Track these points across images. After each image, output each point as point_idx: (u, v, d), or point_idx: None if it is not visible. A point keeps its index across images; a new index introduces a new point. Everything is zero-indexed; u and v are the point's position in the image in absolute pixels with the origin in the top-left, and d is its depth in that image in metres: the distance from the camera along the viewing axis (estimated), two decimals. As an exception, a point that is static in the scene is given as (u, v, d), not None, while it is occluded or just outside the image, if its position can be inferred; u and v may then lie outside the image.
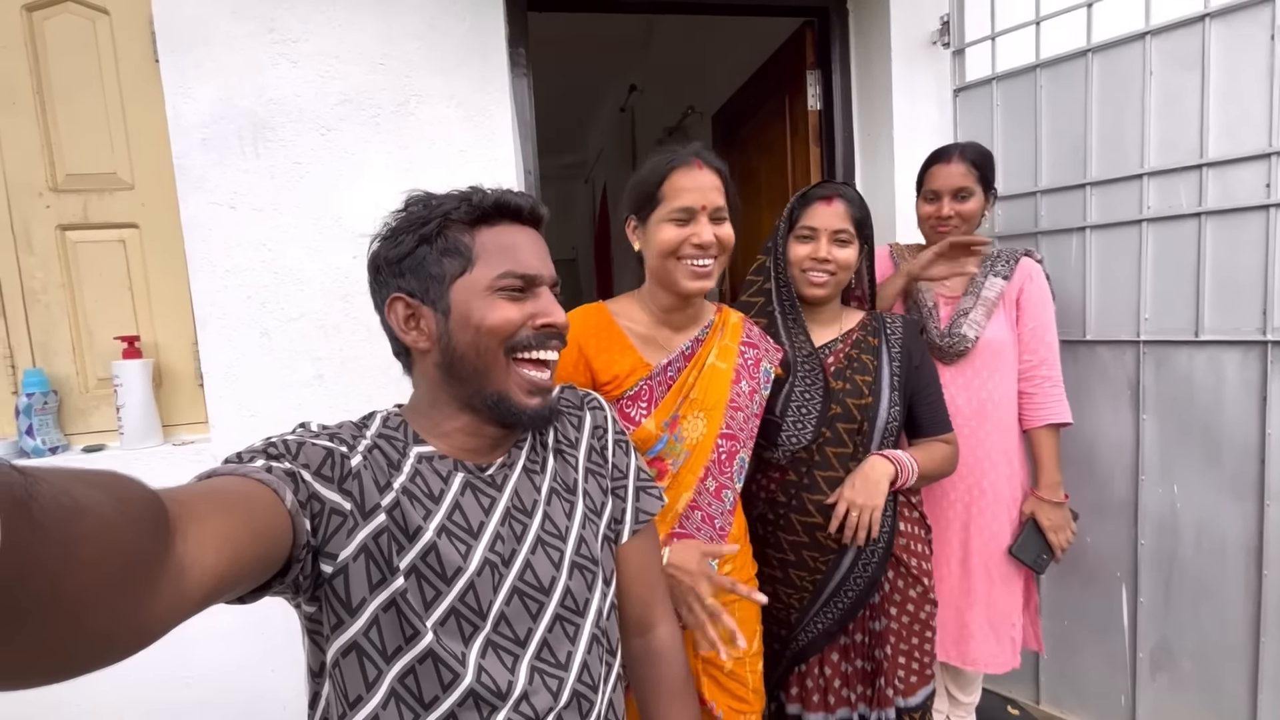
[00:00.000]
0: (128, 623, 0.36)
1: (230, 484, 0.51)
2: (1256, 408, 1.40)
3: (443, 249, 0.67)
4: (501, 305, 0.67)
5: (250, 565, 0.47)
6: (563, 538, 0.72)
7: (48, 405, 1.50)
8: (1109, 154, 1.56)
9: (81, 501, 0.32)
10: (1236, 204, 1.39)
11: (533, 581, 0.68)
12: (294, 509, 0.52)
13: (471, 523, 0.66)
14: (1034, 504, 1.48)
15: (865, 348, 1.26)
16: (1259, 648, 1.44)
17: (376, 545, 0.59)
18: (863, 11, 1.96)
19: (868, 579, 1.20)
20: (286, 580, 0.55)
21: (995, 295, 1.46)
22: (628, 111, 4.64)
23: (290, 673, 1.58)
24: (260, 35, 1.51)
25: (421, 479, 0.66)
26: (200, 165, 1.50)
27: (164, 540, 0.39)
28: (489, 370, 0.68)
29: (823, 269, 1.22)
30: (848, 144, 2.04)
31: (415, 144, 1.60)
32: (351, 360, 1.60)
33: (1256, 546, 1.43)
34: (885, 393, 1.23)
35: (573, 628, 0.70)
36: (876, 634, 1.24)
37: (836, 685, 1.24)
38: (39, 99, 1.50)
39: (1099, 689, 1.70)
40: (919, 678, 1.24)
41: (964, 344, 1.43)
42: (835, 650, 1.24)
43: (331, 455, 0.59)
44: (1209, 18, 1.39)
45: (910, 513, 1.30)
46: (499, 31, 1.64)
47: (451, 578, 0.63)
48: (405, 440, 0.68)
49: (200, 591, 0.41)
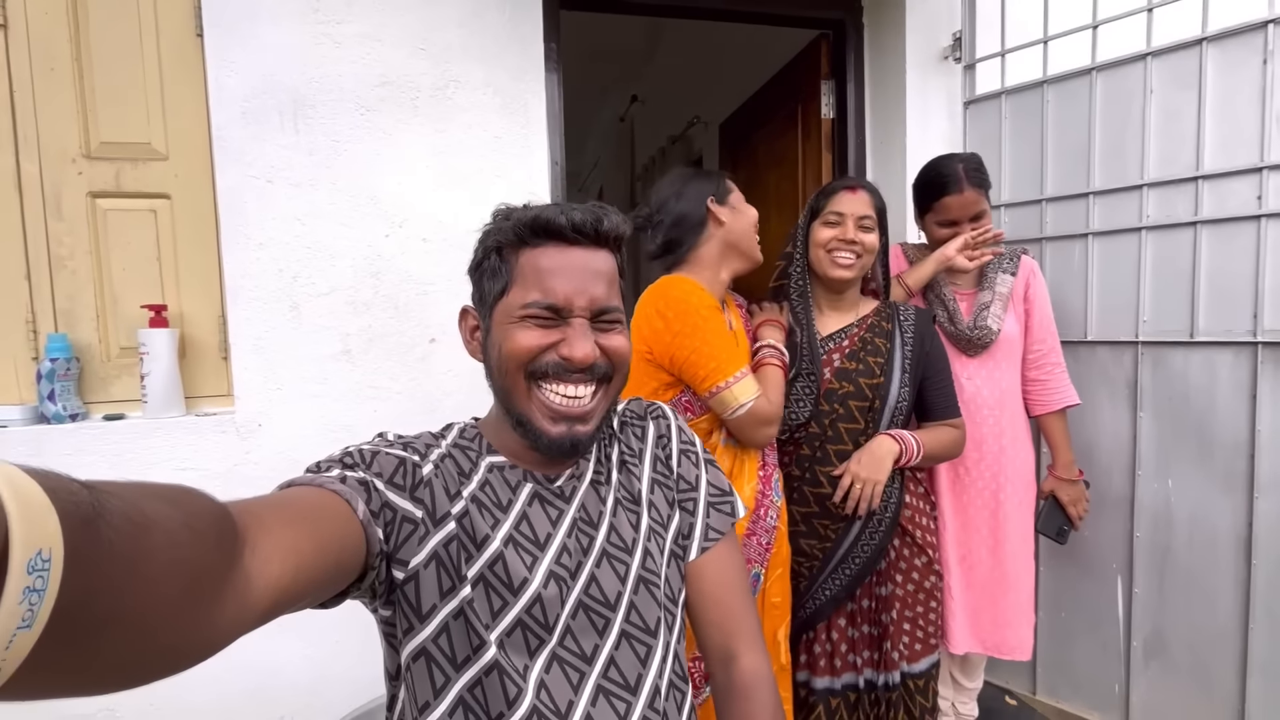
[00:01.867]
0: (195, 634, 0.36)
1: (304, 495, 0.52)
2: (1247, 406, 1.49)
3: (491, 268, 0.68)
4: (522, 333, 0.65)
5: (318, 575, 0.47)
6: (629, 551, 0.70)
7: (70, 372, 1.49)
8: (1111, 166, 1.66)
9: (151, 517, 0.33)
10: (1230, 214, 1.49)
11: (598, 596, 0.66)
12: (366, 519, 0.54)
13: (539, 534, 0.66)
14: (1053, 483, 1.60)
15: (879, 331, 1.33)
16: (1248, 635, 1.52)
17: (447, 553, 0.60)
18: (878, 26, 2.06)
19: (875, 546, 1.28)
20: (363, 586, 0.57)
21: (1008, 291, 1.54)
22: (627, 121, 4.72)
23: (299, 648, 1.57)
24: (305, 15, 1.54)
25: (491, 488, 0.66)
26: (240, 139, 1.52)
27: (231, 554, 0.40)
28: (512, 392, 0.67)
29: (850, 249, 1.28)
30: (860, 151, 2.12)
31: (452, 128, 1.64)
32: (379, 337, 1.62)
33: (1246, 538, 1.51)
34: (897, 374, 1.30)
35: (643, 648, 0.67)
36: (883, 599, 1.30)
37: (844, 650, 1.30)
38: (77, 65, 1.50)
39: (1094, 678, 1.77)
40: (923, 645, 1.30)
41: (989, 336, 1.50)
42: (842, 615, 1.31)
43: (404, 464, 0.61)
44: (1206, 41, 1.50)
45: (916, 487, 1.37)
46: (537, 25, 1.69)
47: (518, 589, 0.62)
48: (479, 450, 0.69)
49: (265, 603, 0.42)
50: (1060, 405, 1.57)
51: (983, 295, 1.54)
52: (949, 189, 1.49)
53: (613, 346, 0.68)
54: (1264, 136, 1.44)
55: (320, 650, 1.56)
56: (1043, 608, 1.84)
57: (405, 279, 1.62)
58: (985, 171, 1.53)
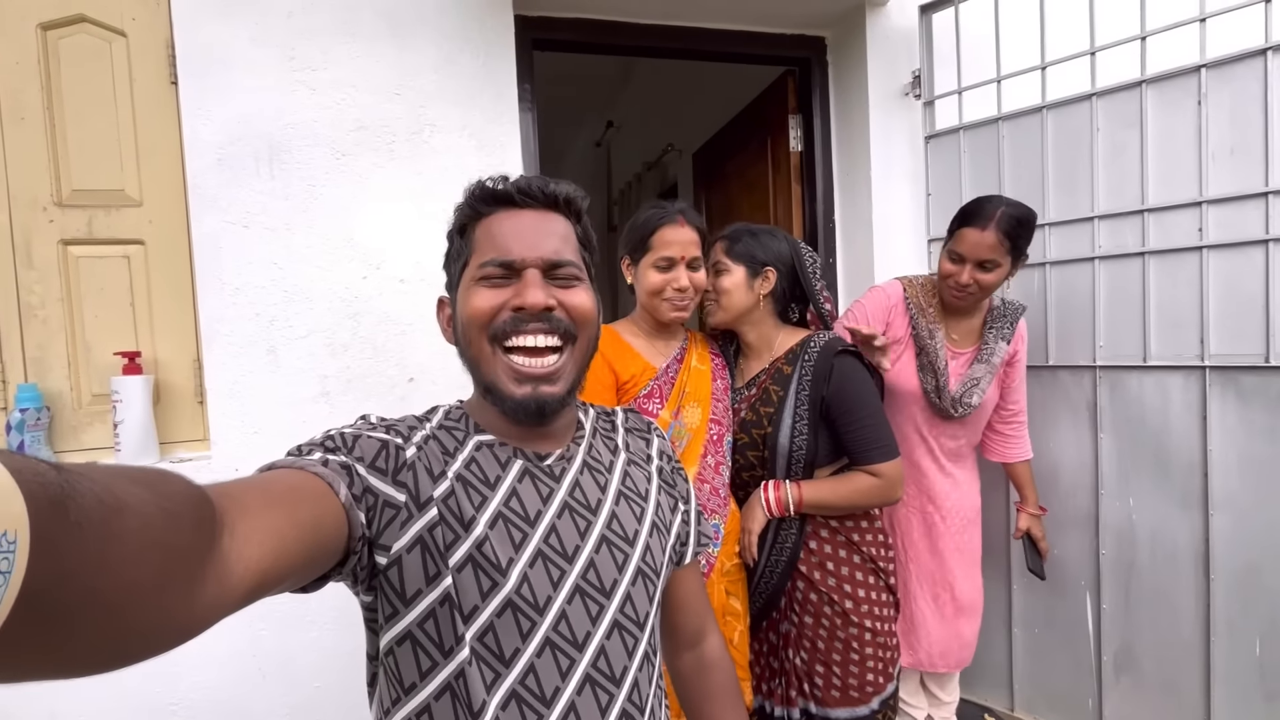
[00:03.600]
0: (171, 618, 0.36)
1: (285, 477, 0.51)
2: (1198, 426, 1.57)
3: (457, 248, 0.71)
4: (478, 293, 0.67)
5: (298, 559, 0.47)
6: (630, 542, 0.70)
7: (40, 421, 1.47)
8: (1064, 198, 1.75)
9: (123, 499, 0.32)
10: (1174, 245, 1.58)
11: (594, 581, 0.66)
12: (348, 502, 0.53)
13: (529, 511, 0.65)
14: (1028, 520, 1.71)
15: (779, 377, 1.31)
16: (1210, 647, 1.57)
17: (431, 538, 0.59)
18: (841, 64, 2.14)
19: (772, 585, 1.34)
20: (345, 570, 0.56)
21: (999, 361, 1.58)
22: (604, 146, 4.79)
23: (280, 694, 1.55)
24: (280, 62, 1.56)
25: (478, 465, 0.66)
26: (215, 184, 1.52)
27: (208, 536, 0.39)
28: (479, 359, 0.68)
29: (681, 297, 1.26)
30: (828, 183, 2.19)
31: (428, 170, 1.66)
32: (358, 378, 1.62)
33: (1204, 553, 1.57)
34: (787, 420, 1.28)
35: (632, 640, 0.67)
36: (784, 635, 1.35)
37: (756, 672, 1.38)
38: (49, 115, 1.50)
39: (1068, 693, 1.81)
40: (842, 694, 1.27)
41: (969, 410, 1.56)
42: (756, 639, 1.39)
43: (386, 447, 0.60)
44: (1145, 84, 1.59)
45: (834, 536, 1.31)
46: (510, 68, 1.73)
47: (506, 567, 0.61)
48: (466, 430, 0.69)
49: (244, 586, 0.41)
50: (1022, 459, 1.70)
51: (975, 369, 1.56)
52: (974, 220, 1.46)
53: (573, 303, 0.68)
54: (1201, 172, 1.53)
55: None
56: (1018, 625, 1.89)
57: (383, 320, 1.63)
58: (1025, 231, 1.45)
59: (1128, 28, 1.60)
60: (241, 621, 1.47)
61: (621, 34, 1.96)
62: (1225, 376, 1.52)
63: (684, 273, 1.26)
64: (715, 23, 2.01)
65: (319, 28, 1.58)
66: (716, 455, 1.31)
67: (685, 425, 1.28)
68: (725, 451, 1.33)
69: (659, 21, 1.96)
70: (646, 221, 1.27)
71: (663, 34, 1.98)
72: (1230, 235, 1.50)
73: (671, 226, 1.25)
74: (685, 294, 1.27)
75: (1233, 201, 1.49)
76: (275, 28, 1.55)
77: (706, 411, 1.31)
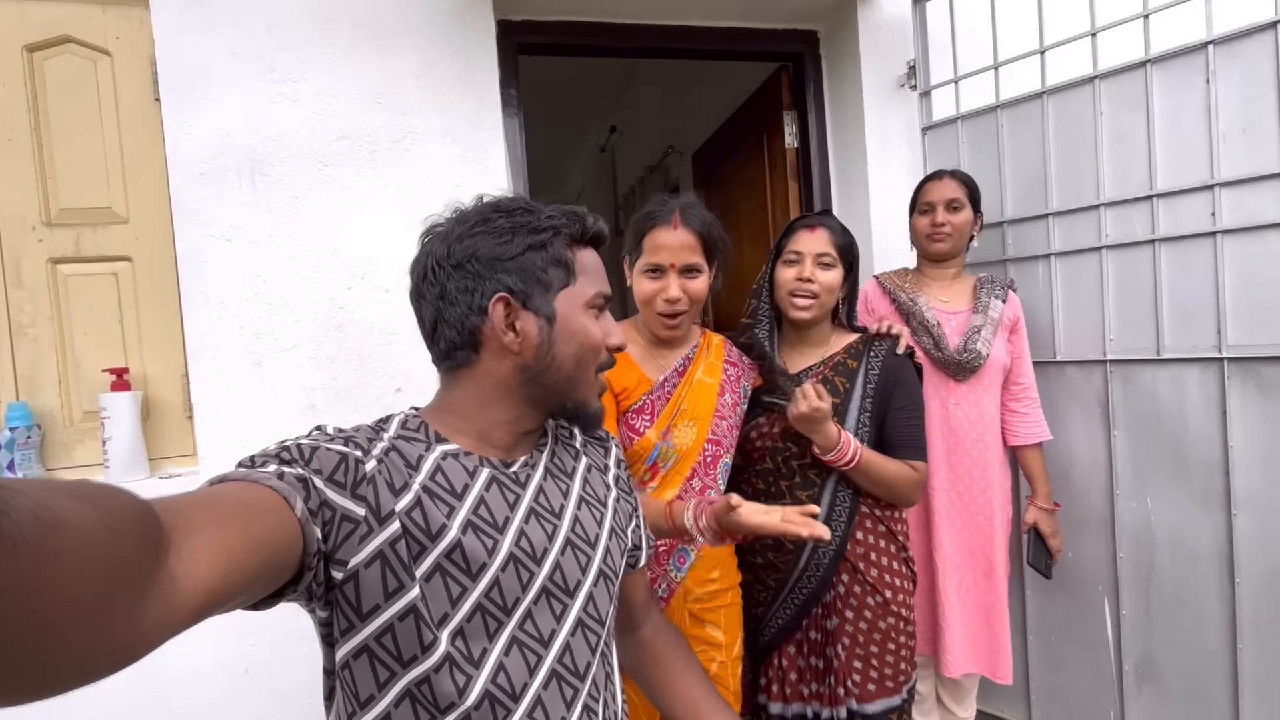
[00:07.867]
0: (114, 639, 0.34)
1: (236, 490, 0.50)
2: (1218, 421, 1.48)
3: (552, 259, 0.70)
4: (596, 323, 0.73)
5: (250, 575, 0.45)
6: (591, 544, 0.73)
7: (30, 439, 1.48)
8: (1068, 186, 1.67)
9: (62, 515, 0.30)
10: (1186, 231, 1.50)
11: (560, 582, 0.68)
12: (304, 517, 0.52)
13: (497, 518, 0.66)
14: (1036, 513, 1.61)
15: (842, 370, 1.31)
16: (1237, 655, 1.49)
17: (394, 552, 0.58)
18: (834, 57, 2.09)
19: (820, 577, 1.27)
20: (300, 587, 0.54)
21: (999, 316, 1.55)
22: (608, 151, 4.78)
23: (271, 711, 1.53)
24: (261, 75, 1.56)
25: (444, 475, 0.65)
26: (198, 199, 1.53)
27: (153, 553, 0.37)
28: (580, 381, 0.72)
29: (806, 289, 1.28)
30: (824, 180, 2.14)
31: (412, 179, 1.65)
32: (344, 390, 1.61)
33: (1228, 555, 1.49)
34: (853, 413, 1.28)
35: (594, 638, 0.71)
36: (829, 632, 1.29)
37: (793, 679, 1.31)
38: (36, 135, 1.52)
39: (1088, 704, 1.73)
40: (878, 687, 1.26)
41: (978, 360, 1.51)
42: (792, 644, 1.31)
43: (345, 460, 0.58)
44: (1150, 63, 1.52)
45: (876, 525, 1.31)
46: (492, 73, 1.72)
47: (477, 573, 0.62)
48: (428, 440, 0.67)
49: (193, 604, 0.40)
50: (1038, 439, 1.61)
51: (975, 318, 1.55)
52: (932, 178, 1.62)
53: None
54: (1213, 154, 1.45)
55: (292, 713, 1.53)
56: (1033, 633, 1.80)
57: (369, 330, 1.62)
58: (975, 188, 1.63)
59: (1129, 5, 1.53)
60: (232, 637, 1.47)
61: (609, 35, 1.93)
62: (1244, 368, 1.44)
63: (675, 281, 1.10)
64: (703, 20, 1.98)
65: (299, 39, 1.58)
66: (706, 479, 1.18)
67: (674, 446, 1.16)
68: (718, 475, 1.20)
69: (647, 21, 1.94)
70: (641, 220, 1.15)
71: (651, 34, 1.96)
72: (1245, 219, 1.42)
73: (664, 229, 1.10)
74: (676, 305, 1.12)
75: (1247, 183, 1.41)
76: (255, 40, 1.55)
77: (704, 430, 1.18)
